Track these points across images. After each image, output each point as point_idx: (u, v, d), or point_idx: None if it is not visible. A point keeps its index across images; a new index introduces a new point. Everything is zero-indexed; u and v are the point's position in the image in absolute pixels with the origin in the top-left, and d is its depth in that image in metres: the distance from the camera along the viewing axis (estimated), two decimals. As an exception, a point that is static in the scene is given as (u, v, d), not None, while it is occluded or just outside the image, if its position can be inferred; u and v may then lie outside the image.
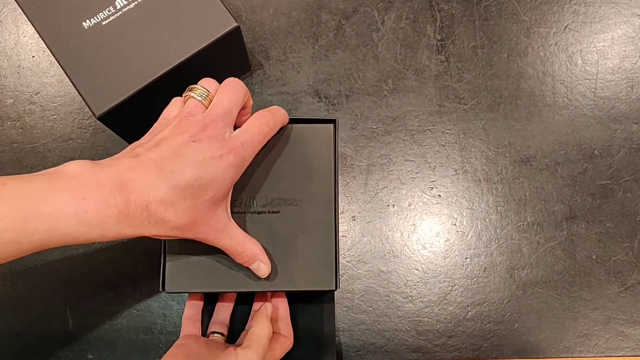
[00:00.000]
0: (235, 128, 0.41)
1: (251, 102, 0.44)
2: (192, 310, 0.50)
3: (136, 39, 0.49)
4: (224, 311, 0.50)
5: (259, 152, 0.42)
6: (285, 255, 0.44)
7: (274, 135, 0.44)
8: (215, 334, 0.48)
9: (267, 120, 0.42)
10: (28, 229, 0.33)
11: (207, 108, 0.40)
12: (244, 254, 0.41)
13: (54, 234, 0.33)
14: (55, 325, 0.54)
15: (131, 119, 0.52)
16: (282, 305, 0.49)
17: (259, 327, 0.45)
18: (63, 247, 0.55)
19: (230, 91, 0.41)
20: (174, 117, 0.40)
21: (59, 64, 0.49)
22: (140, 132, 0.57)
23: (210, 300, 0.51)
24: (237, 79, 0.42)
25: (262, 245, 0.43)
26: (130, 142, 0.57)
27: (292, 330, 0.48)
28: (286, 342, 0.47)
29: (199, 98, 0.40)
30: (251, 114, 0.43)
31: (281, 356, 0.46)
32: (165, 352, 0.44)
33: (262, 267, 0.42)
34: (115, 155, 0.39)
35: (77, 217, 0.33)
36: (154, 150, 0.37)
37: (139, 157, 0.37)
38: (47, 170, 0.36)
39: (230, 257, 0.42)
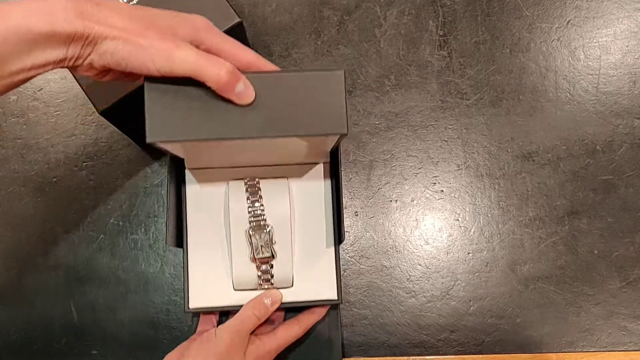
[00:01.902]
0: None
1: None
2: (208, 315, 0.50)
3: None
4: None
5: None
6: (291, 101, 0.38)
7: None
8: None
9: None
10: None
11: None
12: (218, 67, 0.35)
13: (1, 30, 0.33)
14: (59, 320, 0.55)
15: (134, 114, 0.52)
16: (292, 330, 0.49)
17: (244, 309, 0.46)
18: (68, 244, 0.56)
19: None
20: None
21: None
22: (142, 127, 0.57)
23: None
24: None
25: (265, 99, 0.37)
26: (132, 138, 0.57)
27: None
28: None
29: None
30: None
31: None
32: (168, 347, 0.44)
33: (249, 91, 0.36)
34: None
35: (24, 5, 0.33)
36: None
37: None
38: None
39: (202, 82, 0.36)
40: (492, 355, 0.54)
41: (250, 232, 0.47)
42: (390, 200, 0.57)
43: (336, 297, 0.49)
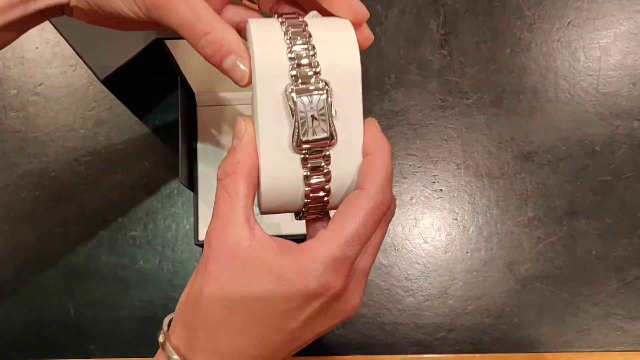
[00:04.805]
0: None
1: None
2: None
3: None
4: None
5: None
6: None
7: None
8: None
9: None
10: None
11: None
12: (210, 36, 0.27)
13: None
14: (57, 316, 0.54)
15: (137, 82, 0.51)
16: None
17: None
18: (67, 239, 0.56)
19: None
20: None
21: (57, 30, 0.47)
22: (145, 98, 0.56)
23: None
24: None
25: None
26: (135, 112, 0.57)
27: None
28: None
29: None
30: None
31: None
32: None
33: (240, 69, 0.27)
34: None
35: None
36: None
37: None
38: None
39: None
40: (489, 354, 0.54)
41: (293, 93, 0.27)
42: (390, 199, 0.57)
43: None
